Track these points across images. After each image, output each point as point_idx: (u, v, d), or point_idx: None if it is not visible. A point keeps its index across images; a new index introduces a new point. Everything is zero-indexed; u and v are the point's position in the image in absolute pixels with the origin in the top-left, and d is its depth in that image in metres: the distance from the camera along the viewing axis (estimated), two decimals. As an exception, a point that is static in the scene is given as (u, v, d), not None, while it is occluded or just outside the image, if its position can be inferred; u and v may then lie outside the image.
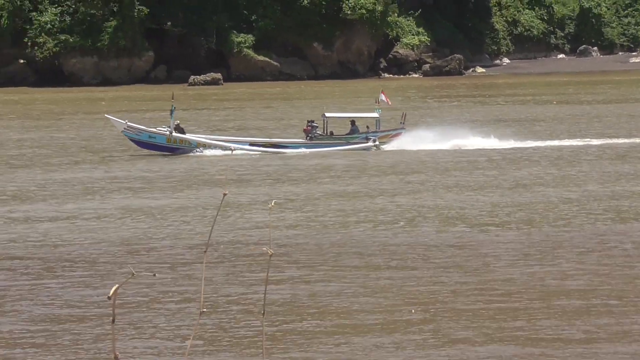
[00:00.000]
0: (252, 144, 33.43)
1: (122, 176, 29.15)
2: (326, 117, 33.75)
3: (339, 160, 30.95)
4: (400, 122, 33.40)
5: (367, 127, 33.16)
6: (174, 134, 32.47)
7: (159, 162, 31.38)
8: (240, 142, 33.56)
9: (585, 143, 33.24)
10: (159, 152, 32.90)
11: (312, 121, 33.06)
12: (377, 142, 32.65)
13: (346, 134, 33.63)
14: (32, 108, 46.11)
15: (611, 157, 29.99)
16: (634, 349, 12.94)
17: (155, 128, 33.36)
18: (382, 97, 33.58)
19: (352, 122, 33.68)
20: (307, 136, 32.66)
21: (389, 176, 27.70)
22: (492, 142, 32.58)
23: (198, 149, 32.71)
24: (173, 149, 33.24)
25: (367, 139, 32.70)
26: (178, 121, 33.03)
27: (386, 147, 32.68)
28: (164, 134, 32.69)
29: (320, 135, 33.22)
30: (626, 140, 33.37)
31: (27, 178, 28.73)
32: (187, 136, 33.18)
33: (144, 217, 22.63)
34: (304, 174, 28.73)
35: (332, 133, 33.52)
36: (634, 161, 29.16)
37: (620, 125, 38.26)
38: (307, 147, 32.95)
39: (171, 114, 32.68)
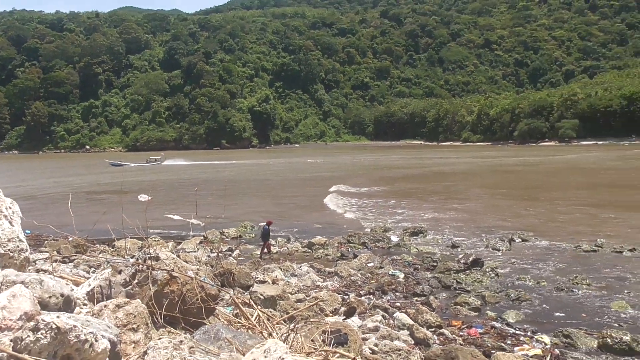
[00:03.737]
0: (134, 163, 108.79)
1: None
2: (150, 158, 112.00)
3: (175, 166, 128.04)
4: (162, 156, 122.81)
5: (156, 159, 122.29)
6: (120, 163, 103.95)
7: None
8: (134, 163, 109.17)
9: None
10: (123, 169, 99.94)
11: (148, 157, 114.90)
12: (160, 162, 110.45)
13: (153, 161, 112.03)
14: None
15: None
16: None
17: (118, 161, 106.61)
18: (162, 154, 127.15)
19: (155, 158, 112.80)
20: (147, 162, 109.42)
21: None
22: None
23: (127, 166, 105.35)
24: (123, 166, 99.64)
25: (157, 162, 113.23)
26: (121, 159, 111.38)
27: (163, 164, 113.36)
28: (117, 163, 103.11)
29: (149, 162, 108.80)
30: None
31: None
32: (124, 163, 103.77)
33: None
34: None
35: (150, 161, 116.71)
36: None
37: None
38: (146, 164, 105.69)
39: (120, 160, 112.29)
